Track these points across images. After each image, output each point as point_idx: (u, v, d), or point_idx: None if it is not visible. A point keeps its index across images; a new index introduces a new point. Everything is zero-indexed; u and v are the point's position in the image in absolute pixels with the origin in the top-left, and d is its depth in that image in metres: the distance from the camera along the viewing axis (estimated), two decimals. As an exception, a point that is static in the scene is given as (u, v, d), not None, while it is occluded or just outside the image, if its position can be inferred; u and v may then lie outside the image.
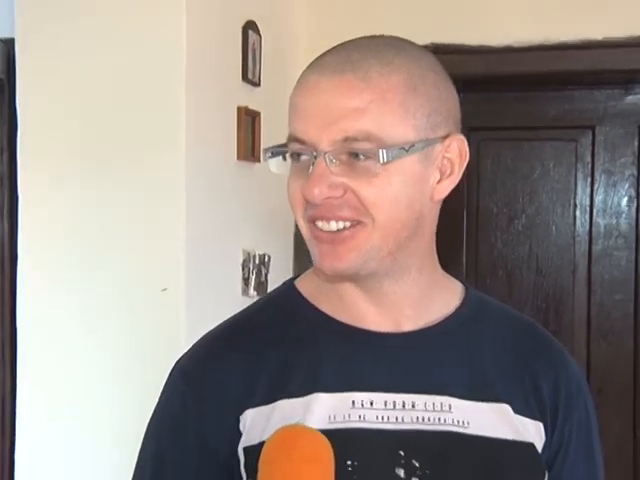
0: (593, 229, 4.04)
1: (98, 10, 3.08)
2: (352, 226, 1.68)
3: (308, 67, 1.74)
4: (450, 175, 1.76)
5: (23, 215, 3.19)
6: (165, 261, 3.10)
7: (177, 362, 1.88)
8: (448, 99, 1.76)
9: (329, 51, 1.76)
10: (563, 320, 3.96)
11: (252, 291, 3.49)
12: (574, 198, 4.06)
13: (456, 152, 1.77)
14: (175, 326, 3.03)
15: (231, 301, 3.13)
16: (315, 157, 1.66)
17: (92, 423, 3.12)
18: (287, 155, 1.75)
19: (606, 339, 3.98)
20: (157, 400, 1.85)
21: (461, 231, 4.08)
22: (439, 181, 1.75)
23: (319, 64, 1.72)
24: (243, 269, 3.49)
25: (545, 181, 4.09)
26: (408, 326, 1.81)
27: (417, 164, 1.71)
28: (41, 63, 3.16)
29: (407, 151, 1.69)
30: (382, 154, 1.65)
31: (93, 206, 3.12)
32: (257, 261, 3.56)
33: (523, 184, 4.09)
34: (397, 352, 1.80)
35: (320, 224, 1.69)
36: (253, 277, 3.51)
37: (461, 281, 1.95)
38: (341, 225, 1.68)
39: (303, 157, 1.70)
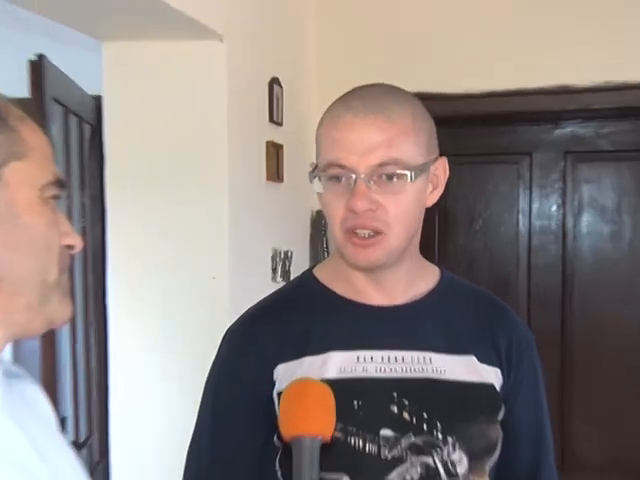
0: (531, 229, 4.08)
1: (164, 72, 3.14)
2: (375, 235, 1.73)
3: (337, 109, 1.78)
4: (437, 187, 1.83)
5: (110, 224, 3.26)
6: (214, 257, 3.17)
7: (227, 330, 1.92)
8: (432, 129, 1.81)
9: (352, 96, 1.80)
10: (510, 296, 3.97)
11: (279, 278, 3.52)
12: (517, 206, 4.10)
13: (441, 169, 1.83)
14: (221, 304, 3.11)
15: (263, 286, 3.13)
16: (355, 179, 1.71)
17: (163, 382, 3.20)
18: (323, 177, 1.77)
19: (542, 309, 4.04)
20: (213, 358, 1.91)
21: (434, 231, 4.12)
22: (431, 192, 1.82)
23: (349, 107, 1.75)
24: (272, 262, 3.54)
25: (496, 193, 4.12)
26: (399, 300, 1.86)
27: (422, 181, 1.78)
28: (121, 114, 3.22)
29: (420, 173, 1.75)
30: (411, 175, 1.73)
31: (162, 216, 3.19)
32: (282, 256, 3.60)
33: (480, 196, 4.13)
34: (391, 320, 1.85)
35: (359, 231, 1.73)
36: (279, 268, 3.56)
37: (438, 265, 1.99)
38: (371, 234, 1.74)
39: (343, 180, 1.73)
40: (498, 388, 1.88)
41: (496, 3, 3.85)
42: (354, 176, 1.72)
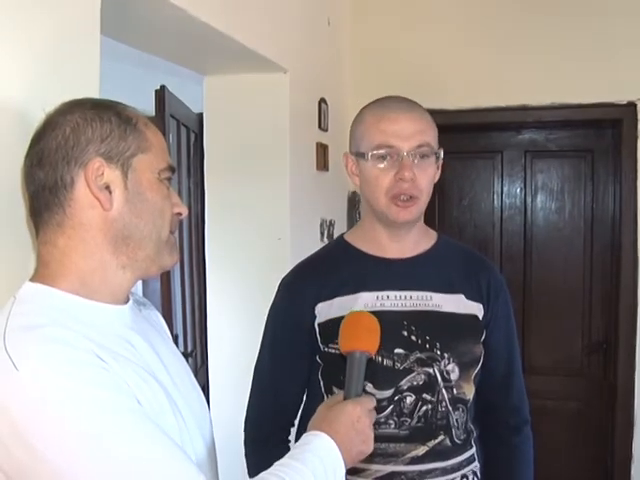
0: (502, 205, 4.06)
1: (246, 96, 3.15)
2: (412, 198, 1.75)
3: (379, 109, 1.79)
4: (439, 169, 1.84)
5: (208, 201, 3.27)
6: (280, 224, 3.16)
7: (282, 280, 1.95)
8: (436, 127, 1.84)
9: (387, 101, 1.82)
10: (488, 252, 3.94)
11: (325, 239, 3.50)
12: (492, 188, 4.07)
13: (441, 156, 1.82)
14: (284, 256, 3.08)
15: (313, 245, 3.02)
16: (402, 156, 1.72)
17: (244, 309, 3.19)
18: (371, 157, 1.77)
19: (510, 261, 4.02)
20: (272, 300, 1.94)
21: (434, 206, 4.03)
22: (436, 172, 1.82)
23: (390, 107, 1.78)
24: (320, 227, 3.52)
25: (478, 179, 4.09)
26: (408, 254, 1.87)
27: (435, 162, 1.80)
28: (216, 126, 3.23)
29: (437, 154, 1.79)
30: (435, 155, 1.78)
31: (243, 196, 3.19)
32: (327, 223, 3.58)
33: (467, 181, 4.10)
34: (402, 269, 1.85)
35: (402, 197, 1.74)
36: (325, 232, 3.54)
37: (436, 230, 2.00)
38: (409, 199, 1.75)
39: (388, 158, 1.74)
40: (480, 318, 1.88)
41: (479, 49, 3.81)
42: (400, 154, 1.73)
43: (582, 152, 3.96)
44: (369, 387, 1.76)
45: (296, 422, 1.97)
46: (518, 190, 4.05)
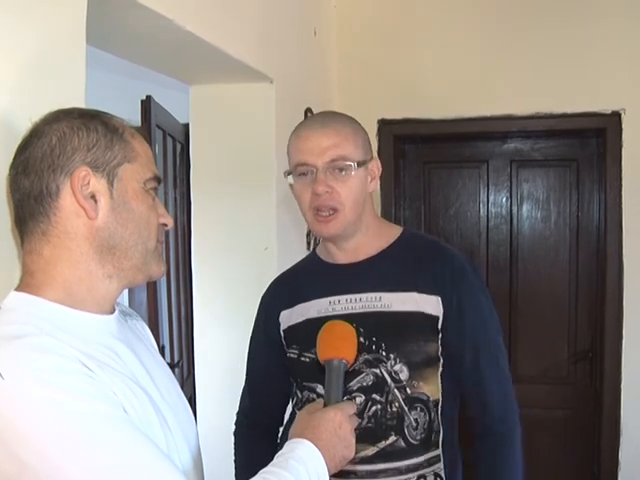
0: (489, 214, 4.08)
1: (232, 105, 3.14)
2: (334, 213, 1.80)
3: (299, 129, 1.87)
4: (374, 178, 1.89)
5: (194, 212, 3.25)
6: (267, 235, 3.15)
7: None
8: (365, 138, 1.89)
9: (309, 119, 1.93)
10: (474, 261, 3.89)
11: (310, 249, 3.46)
12: (479, 198, 4.09)
13: (375, 166, 1.89)
14: (271, 266, 3.06)
15: (299, 254, 3.01)
16: (316, 172, 1.78)
17: (229, 321, 3.16)
18: (294, 175, 1.85)
19: (496, 271, 4.04)
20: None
21: (420, 216, 4.12)
22: (370, 181, 1.88)
23: (306, 125, 1.87)
24: (306, 237, 3.52)
25: (464, 189, 4.10)
26: (360, 258, 1.91)
27: (362, 173, 1.84)
28: (202, 136, 3.21)
29: (360, 166, 1.82)
30: (353, 166, 1.80)
31: (230, 207, 3.18)
32: (314, 234, 3.53)
33: (453, 191, 4.11)
34: (353, 273, 1.90)
35: (321, 212, 1.80)
36: (312, 242, 3.51)
37: (405, 226, 2.04)
38: (331, 212, 1.79)
39: (307, 175, 1.80)
40: (440, 312, 1.84)
41: (464, 59, 3.84)
42: (315, 170, 1.79)
43: (567, 161, 4.01)
44: (319, 388, 1.83)
45: (285, 418, 2.11)
46: (504, 199, 4.08)
